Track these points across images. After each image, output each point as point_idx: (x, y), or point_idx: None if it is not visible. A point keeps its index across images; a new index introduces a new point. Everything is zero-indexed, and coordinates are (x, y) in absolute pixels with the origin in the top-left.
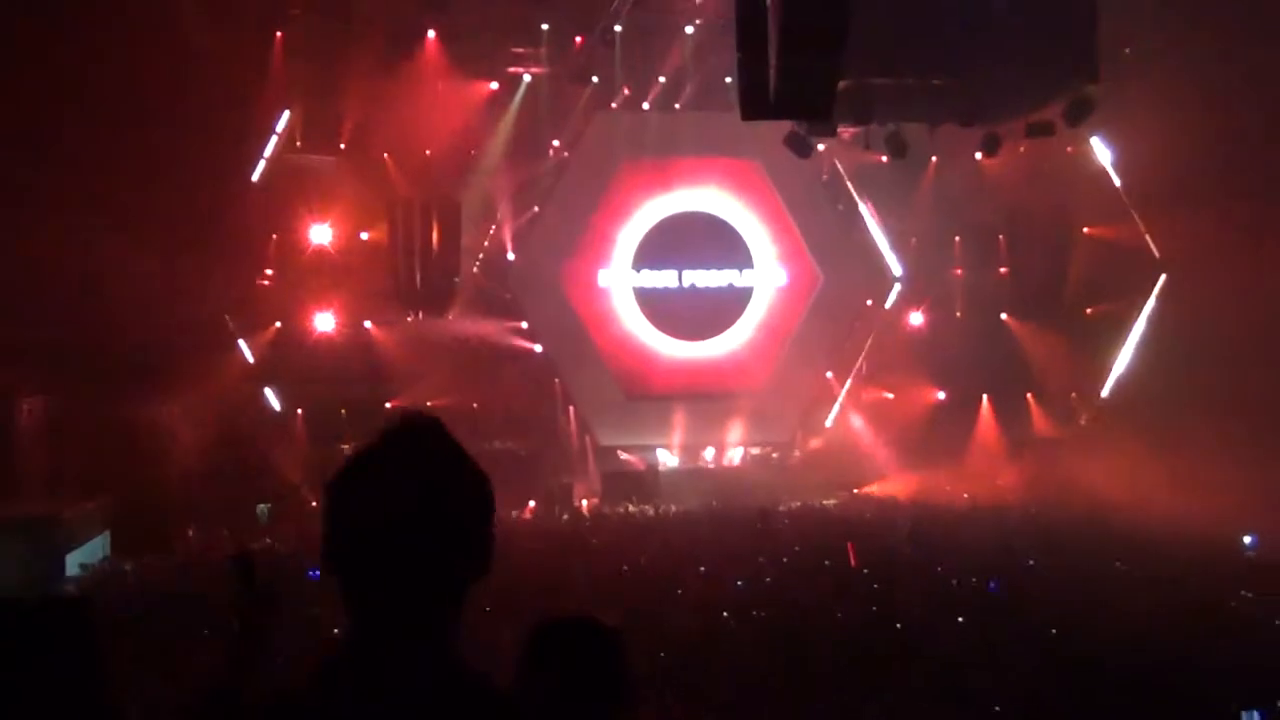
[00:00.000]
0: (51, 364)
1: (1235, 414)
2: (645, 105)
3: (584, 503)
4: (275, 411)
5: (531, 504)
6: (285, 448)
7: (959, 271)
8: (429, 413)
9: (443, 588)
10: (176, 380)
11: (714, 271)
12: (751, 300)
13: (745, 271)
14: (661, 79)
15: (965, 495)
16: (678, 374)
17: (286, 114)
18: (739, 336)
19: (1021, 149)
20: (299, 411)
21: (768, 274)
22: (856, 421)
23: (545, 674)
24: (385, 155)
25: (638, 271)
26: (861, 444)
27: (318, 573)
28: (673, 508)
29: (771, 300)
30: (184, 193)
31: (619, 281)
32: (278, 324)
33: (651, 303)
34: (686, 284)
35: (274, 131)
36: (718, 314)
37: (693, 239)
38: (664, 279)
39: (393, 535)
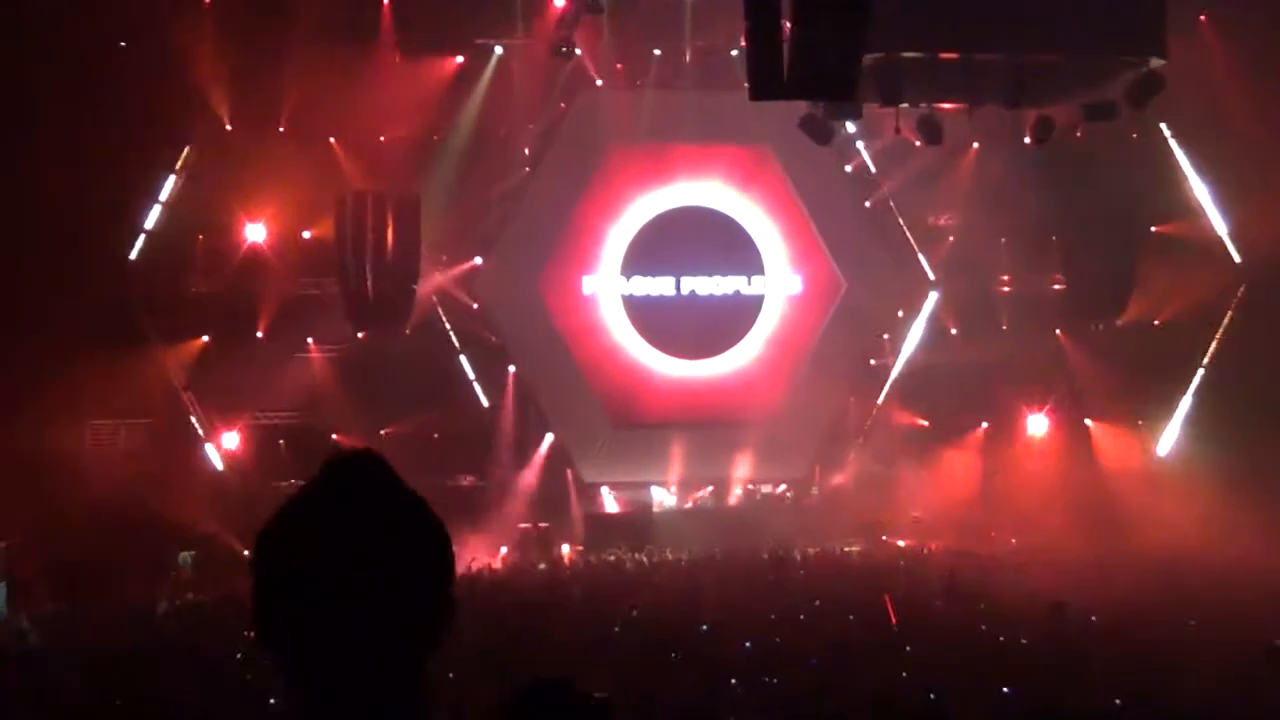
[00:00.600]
0: None
1: None
2: (638, 83)
3: (565, 549)
4: (202, 440)
5: (503, 551)
6: (212, 484)
7: (1005, 277)
8: (373, 448)
9: (395, 658)
10: (84, 401)
11: (718, 278)
12: (761, 311)
13: (754, 278)
14: (657, 52)
15: (1013, 540)
16: (674, 398)
17: (185, 150)
18: (746, 354)
19: (1078, 134)
20: (229, 442)
21: (780, 280)
22: (885, 454)
23: None
24: (332, 140)
25: (628, 278)
26: (890, 480)
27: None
28: (669, 555)
29: (785, 311)
30: (97, 178)
31: (606, 289)
32: (204, 338)
33: (644, 314)
34: (685, 292)
35: (156, 200)
36: (722, 327)
37: (693, 239)
38: (659, 286)
39: (331, 597)
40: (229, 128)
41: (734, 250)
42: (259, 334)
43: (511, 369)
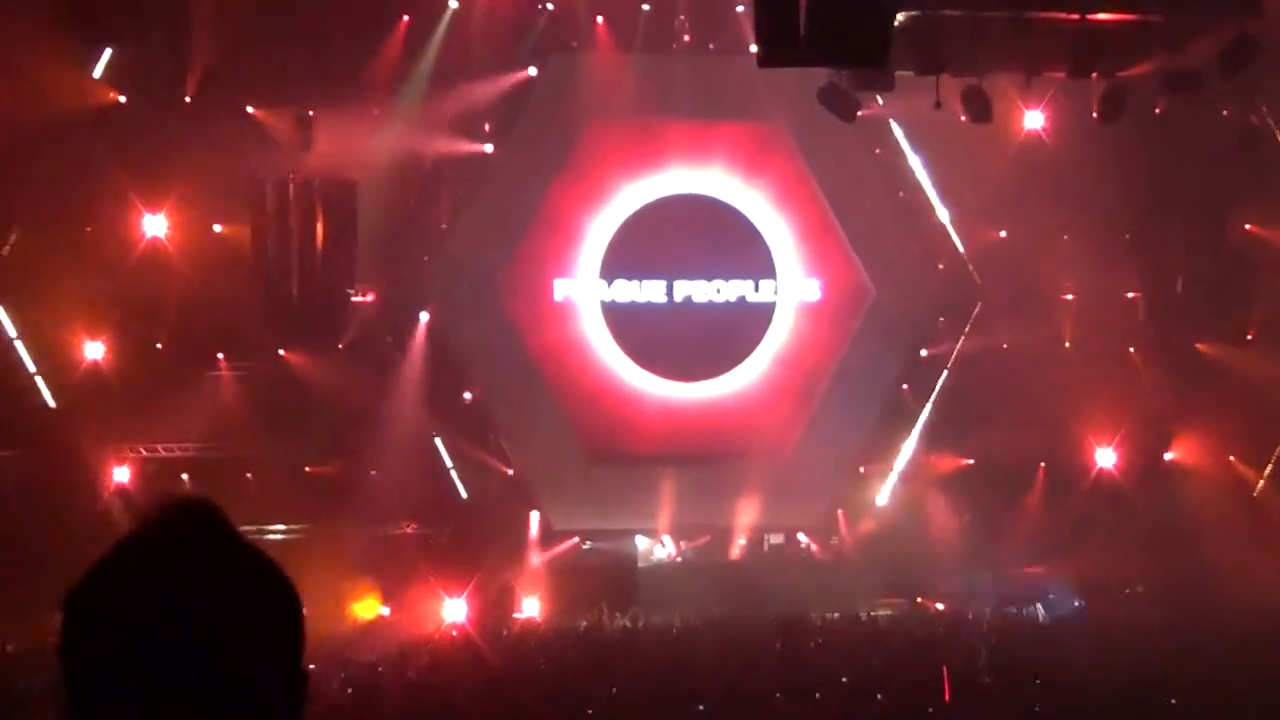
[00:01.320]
0: None
1: None
2: (623, 45)
3: (528, 610)
4: (86, 474)
5: (452, 611)
6: (95, 527)
7: (1068, 283)
8: (207, 498)
9: None
10: None
11: (718, 282)
12: (772, 323)
13: (763, 283)
14: (646, 6)
15: (1077, 603)
16: (664, 427)
17: None
18: (753, 374)
19: (1157, 110)
20: (119, 476)
21: (795, 286)
22: (921, 497)
23: None
24: (250, 111)
25: (609, 282)
26: (929, 528)
27: None
28: (656, 619)
29: (800, 323)
30: None
31: (583, 294)
32: (92, 351)
33: (628, 326)
34: (678, 298)
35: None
36: (723, 342)
37: (688, 236)
38: (646, 292)
39: (152, 674)
40: (122, 99)
41: (738, 249)
42: (158, 346)
43: (467, 395)
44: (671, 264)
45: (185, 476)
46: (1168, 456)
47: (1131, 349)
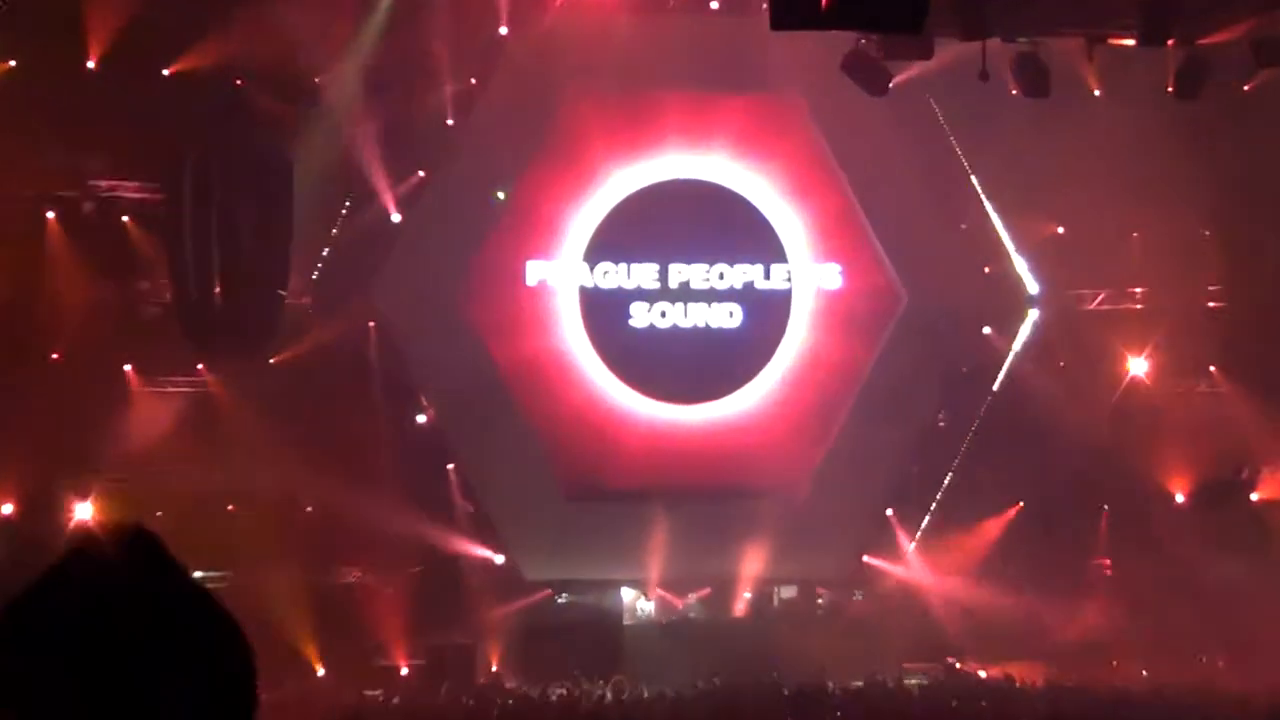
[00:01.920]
0: None
1: None
2: (612, 2)
3: (494, 674)
4: None
5: (404, 672)
6: None
7: (1137, 291)
8: (142, 524)
9: None
10: None
11: (722, 267)
12: (786, 334)
13: (775, 268)
14: None
15: (1144, 673)
16: (657, 458)
17: None
18: (762, 395)
19: (1245, 87)
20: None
21: (813, 289)
22: (961, 543)
23: None
24: (166, 73)
25: (591, 267)
26: (969, 583)
27: None
28: (644, 691)
29: (819, 335)
30: None
31: (561, 280)
32: None
33: (613, 331)
34: (673, 284)
35: None
36: (727, 356)
37: (686, 227)
38: (636, 277)
39: None
40: (11, 63)
41: (745, 241)
42: (54, 357)
43: (421, 418)
44: (665, 250)
45: (85, 514)
46: (1255, 496)
47: (1213, 367)
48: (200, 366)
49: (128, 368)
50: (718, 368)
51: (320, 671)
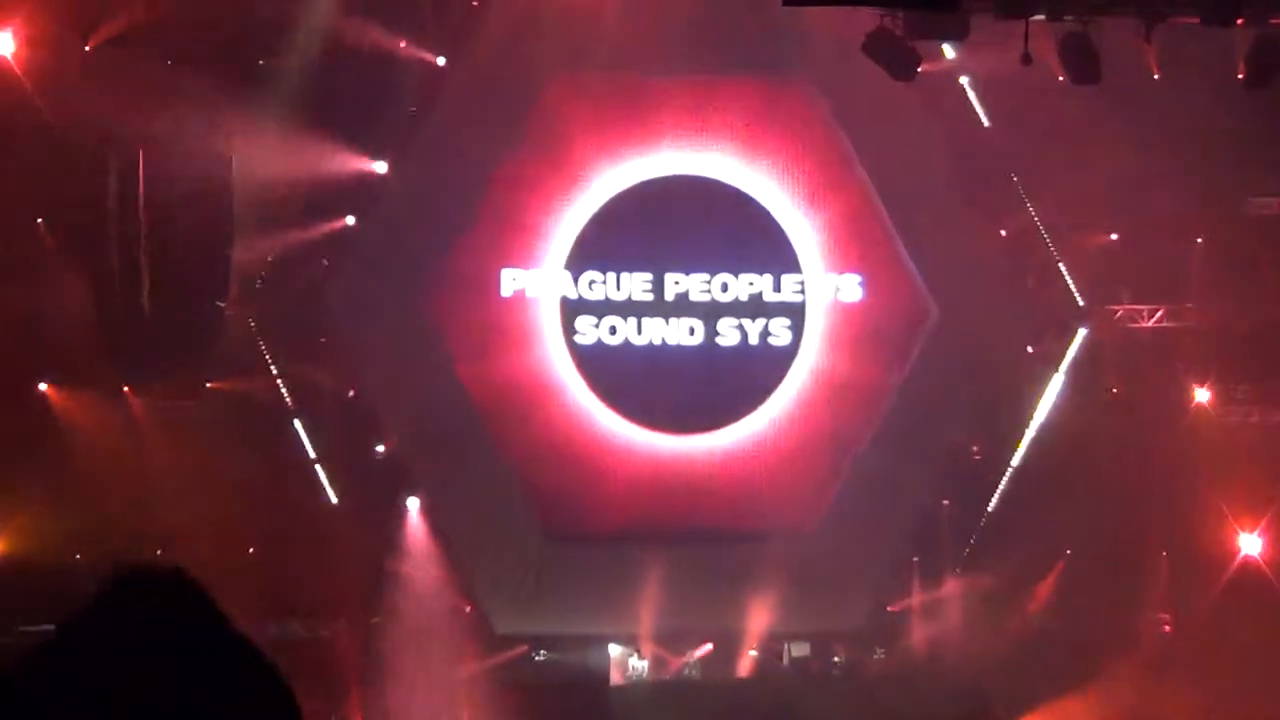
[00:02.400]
0: None
1: None
2: None
3: None
4: None
5: None
6: None
7: (1201, 304)
8: (182, 566)
9: None
10: None
11: (725, 277)
12: (797, 356)
13: (786, 278)
14: None
15: None
16: (649, 495)
17: None
18: (768, 422)
19: None
20: None
21: (831, 304)
22: (1001, 593)
23: None
24: (88, 48)
25: (575, 277)
26: (1007, 637)
27: None
28: None
29: (836, 355)
30: None
31: (541, 290)
32: None
33: (600, 354)
34: (669, 295)
35: None
36: (730, 378)
37: (684, 230)
38: (626, 288)
39: None
40: None
41: (754, 251)
42: None
43: (380, 448)
44: (661, 258)
45: None
46: None
47: None
48: (126, 390)
49: (43, 387)
50: (720, 393)
51: None
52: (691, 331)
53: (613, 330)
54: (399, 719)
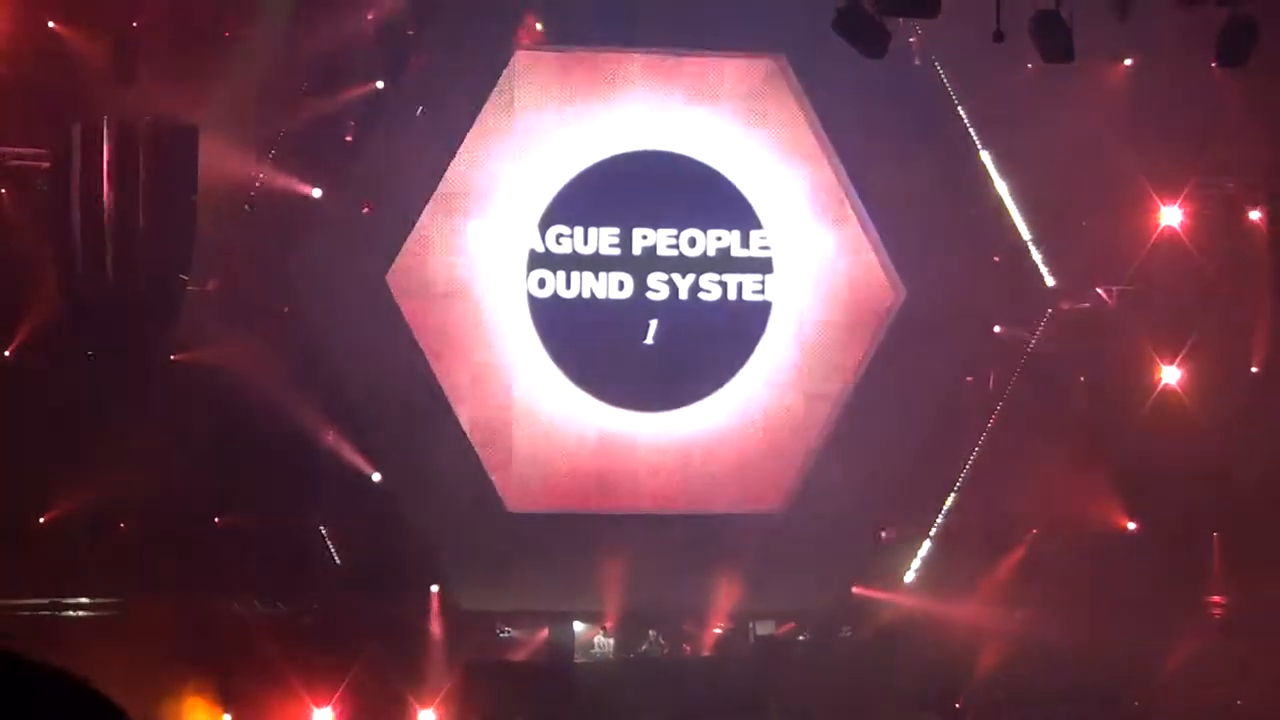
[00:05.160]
0: None
1: None
2: None
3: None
4: None
5: (323, 716)
6: None
7: (1177, 285)
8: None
9: None
10: None
11: (693, 232)
12: (765, 334)
13: (755, 234)
14: None
15: None
16: (615, 473)
17: None
18: (734, 400)
19: None
20: None
21: (796, 282)
22: (966, 570)
23: None
24: (52, 25)
25: (542, 233)
26: (978, 614)
27: None
28: None
29: (805, 335)
30: None
31: (507, 247)
32: None
33: (562, 323)
34: (636, 252)
35: None
36: (696, 356)
37: (651, 202)
38: (594, 243)
39: None
40: None
41: (719, 216)
42: None
43: (342, 418)
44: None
45: None
46: None
47: (1254, 367)
48: (90, 352)
49: (6, 352)
50: (688, 368)
51: (226, 718)
52: (658, 290)
53: (574, 286)
54: (363, 701)
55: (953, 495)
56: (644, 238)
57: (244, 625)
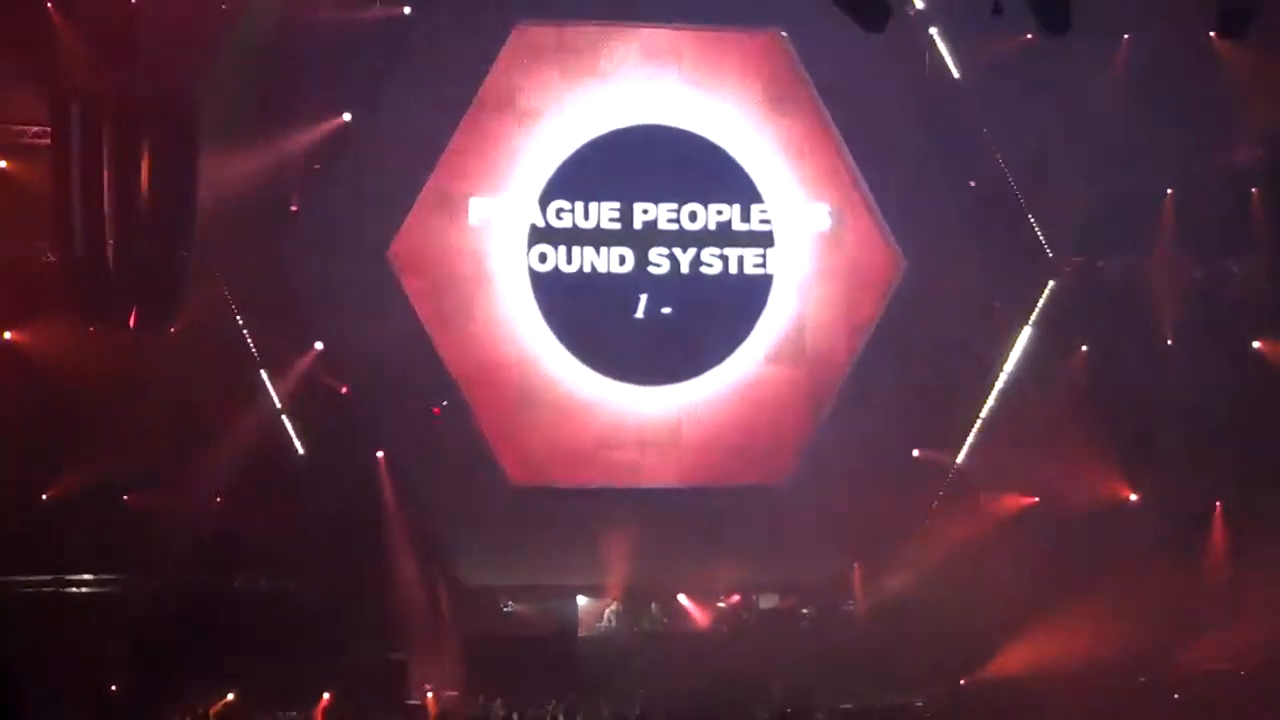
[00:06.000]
0: None
1: None
2: None
3: (429, 696)
4: None
5: (326, 697)
6: None
7: (1167, 256)
8: None
9: None
10: None
11: (694, 206)
12: (769, 301)
13: (755, 208)
14: None
15: (1176, 695)
16: (619, 447)
17: None
18: (737, 374)
19: None
20: None
21: (798, 256)
22: (969, 544)
23: None
24: (50, 4)
25: (543, 207)
26: (979, 587)
27: None
28: (603, 711)
29: (806, 307)
30: None
31: (510, 220)
32: None
33: (564, 297)
34: (637, 225)
35: None
36: (698, 329)
37: (650, 175)
38: (594, 217)
39: None
40: None
41: (718, 190)
42: None
43: (344, 389)
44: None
45: None
46: None
47: (1257, 343)
48: (92, 329)
49: (8, 334)
50: (691, 342)
51: (229, 695)
52: (660, 264)
53: (575, 261)
54: (365, 674)
55: (955, 467)
56: (644, 212)
57: (244, 602)
